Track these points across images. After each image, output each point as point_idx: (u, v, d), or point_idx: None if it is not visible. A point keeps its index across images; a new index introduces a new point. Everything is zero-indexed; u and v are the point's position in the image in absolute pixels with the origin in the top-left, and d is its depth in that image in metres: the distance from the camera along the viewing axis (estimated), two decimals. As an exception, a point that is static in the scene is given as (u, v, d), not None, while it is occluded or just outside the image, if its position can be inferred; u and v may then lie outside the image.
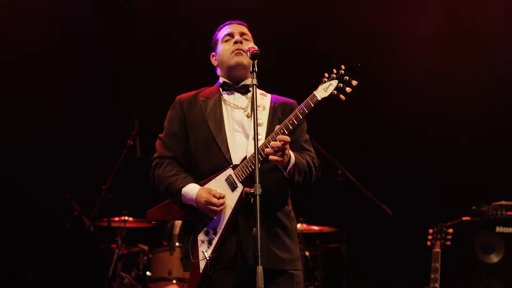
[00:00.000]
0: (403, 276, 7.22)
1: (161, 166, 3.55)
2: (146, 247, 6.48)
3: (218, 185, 3.42)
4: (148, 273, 6.34)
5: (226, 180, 3.41)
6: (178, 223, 6.36)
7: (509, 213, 6.02)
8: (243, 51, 3.55)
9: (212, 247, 3.40)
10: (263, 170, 3.35)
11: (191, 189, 3.43)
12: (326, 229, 6.86)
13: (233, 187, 3.40)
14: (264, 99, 3.60)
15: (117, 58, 7.25)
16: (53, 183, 7.05)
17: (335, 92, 3.35)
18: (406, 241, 6.99)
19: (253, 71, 3.32)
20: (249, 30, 3.69)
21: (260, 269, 2.98)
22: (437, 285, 5.52)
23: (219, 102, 3.58)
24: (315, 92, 3.37)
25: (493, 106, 7.17)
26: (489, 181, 6.94)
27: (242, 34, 3.63)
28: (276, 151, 3.28)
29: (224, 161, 3.44)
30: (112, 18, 7.16)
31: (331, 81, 3.36)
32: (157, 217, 3.59)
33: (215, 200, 3.36)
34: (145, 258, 6.41)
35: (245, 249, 3.35)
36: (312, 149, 3.62)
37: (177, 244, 6.22)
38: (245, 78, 3.62)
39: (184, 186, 3.44)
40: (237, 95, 3.61)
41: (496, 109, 7.18)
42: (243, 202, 3.32)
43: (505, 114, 7.16)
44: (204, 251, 3.40)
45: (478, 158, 7.08)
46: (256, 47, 3.47)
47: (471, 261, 5.93)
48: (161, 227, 6.57)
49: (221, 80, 3.66)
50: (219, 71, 3.69)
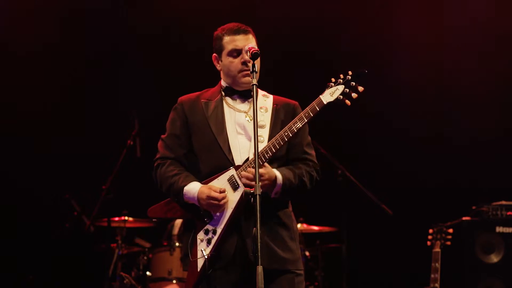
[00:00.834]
0: (403, 276, 7.22)
1: (163, 167, 3.56)
2: (147, 245, 6.48)
3: (220, 184, 3.43)
4: (148, 273, 6.34)
5: (229, 180, 3.42)
6: (178, 223, 6.35)
7: (509, 213, 6.02)
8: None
9: (211, 246, 3.40)
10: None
11: (193, 187, 3.43)
12: (326, 229, 6.86)
13: (235, 187, 3.40)
14: (266, 101, 3.59)
15: (117, 58, 7.25)
16: (53, 183, 7.04)
17: (341, 97, 3.36)
18: (406, 241, 6.98)
19: (253, 71, 3.33)
20: (254, 35, 3.60)
21: (260, 269, 2.99)
22: (437, 285, 5.53)
23: (221, 104, 3.58)
24: (321, 96, 3.38)
25: (493, 106, 7.16)
26: (489, 181, 6.94)
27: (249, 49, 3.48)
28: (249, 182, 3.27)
29: (226, 162, 3.44)
30: (112, 18, 7.15)
31: (337, 86, 3.38)
32: (158, 215, 3.60)
33: (216, 194, 3.37)
34: (145, 258, 6.41)
35: (245, 249, 3.35)
36: (313, 152, 3.62)
37: (177, 244, 6.22)
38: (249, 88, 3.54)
39: (186, 185, 3.45)
40: (238, 100, 3.59)
41: (496, 109, 7.17)
42: (244, 202, 3.33)
43: (505, 114, 7.16)
44: (202, 249, 3.41)
45: (478, 158, 7.08)
46: (256, 47, 3.47)
47: (471, 261, 5.92)
48: (160, 227, 6.57)
49: (223, 84, 3.63)
50: (222, 75, 3.64)
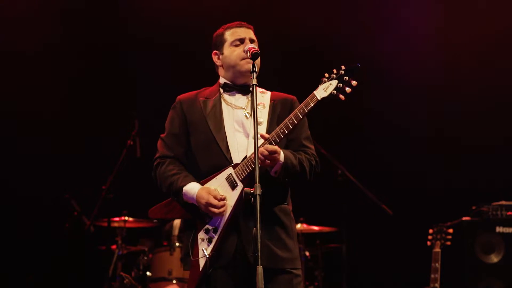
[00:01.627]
0: (403, 276, 7.21)
1: (162, 166, 3.56)
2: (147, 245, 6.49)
3: (218, 183, 3.43)
4: (148, 273, 6.34)
5: (227, 179, 3.42)
6: (177, 224, 6.35)
7: (509, 213, 6.02)
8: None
9: (212, 245, 3.40)
10: (263, 168, 3.36)
11: (192, 188, 3.44)
12: (326, 229, 6.86)
13: (233, 186, 3.40)
14: (264, 97, 3.60)
15: (117, 58, 7.25)
16: (53, 183, 7.04)
17: (335, 92, 3.35)
18: (406, 241, 6.98)
19: (253, 71, 3.33)
20: (255, 33, 3.64)
21: (260, 269, 2.99)
22: (437, 285, 5.53)
23: (219, 102, 3.58)
24: (315, 92, 3.37)
25: (494, 106, 7.16)
26: (489, 181, 6.93)
27: (252, 41, 3.59)
28: (263, 160, 3.30)
29: (224, 160, 3.45)
30: (112, 18, 7.15)
31: (331, 81, 3.37)
32: (158, 215, 3.60)
33: (215, 202, 3.37)
34: (145, 258, 6.42)
35: (245, 248, 3.36)
36: (312, 146, 3.61)
37: (177, 244, 6.22)
38: (248, 83, 3.57)
39: (185, 185, 3.45)
40: (237, 95, 3.60)
41: (496, 109, 7.17)
42: (243, 202, 3.33)
43: (505, 114, 7.15)
44: (204, 249, 3.41)
45: (478, 158, 7.08)
46: (256, 47, 3.48)
47: (471, 261, 5.92)
48: (160, 227, 6.57)
49: (222, 80, 3.65)
50: (221, 71, 3.67)
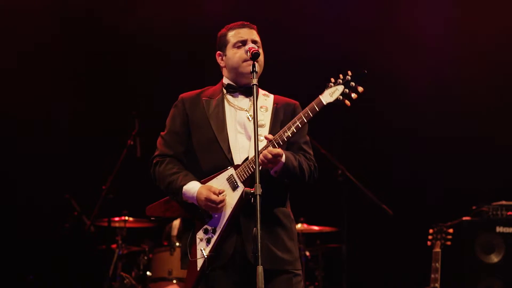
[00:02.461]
0: (403, 276, 7.21)
1: (161, 164, 3.54)
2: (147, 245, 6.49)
3: (219, 184, 3.42)
4: (148, 273, 6.34)
5: (228, 179, 3.41)
6: (176, 224, 6.35)
7: (509, 213, 6.02)
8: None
9: (210, 246, 3.39)
10: (264, 170, 3.36)
11: (192, 187, 3.43)
12: (326, 229, 6.86)
13: (234, 186, 3.40)
14: (267, 100, 3.59)
15: (117, 58, 7.25)
16: (53, 183, 7.04)
17: (341, 97, 3.35)
18: (406, 241, 6.98)
19: (253, 71, 3.33)
20: (258, 33, 3.62)
21: (260, 269, 2.98)
22: (437, 285, 5.53)
23: (222, 102, 3.57)
24: (320, 97, 3.37)
25: (494, 106, 7.16)
26: (489, 181, 6.93)
27: (254, 42, 3.56)
28: (266, 163, 3.30)
29: (225, 161, 3.44)
30: (112, 18, 7.15)
31: (337, 86, 3.37)
32: (156, 213, 3.58)
33: (214, 197, 3.36)
34: (145, 258, 6.41)
35: (245, 249, 3.35)
36: (311, 151, 3.60)
37: (177, 244, 6.22)
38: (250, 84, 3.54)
39: (185, 184, 3.44)
40: (240, 97, 3.59)
41: (497, 109, 7.17)
42: (244, 202, 3.32)
43: (505, 114, 7.16)
44: (202, 249, 3.40)
45: (478, 158, 7.08)
46: (257, 47, 3.47)
47: (471, 261, 5.91)
48: (160, 227, 6.57)
49: (225, 81, 3.64)
50: (224, 72, 3.65)
